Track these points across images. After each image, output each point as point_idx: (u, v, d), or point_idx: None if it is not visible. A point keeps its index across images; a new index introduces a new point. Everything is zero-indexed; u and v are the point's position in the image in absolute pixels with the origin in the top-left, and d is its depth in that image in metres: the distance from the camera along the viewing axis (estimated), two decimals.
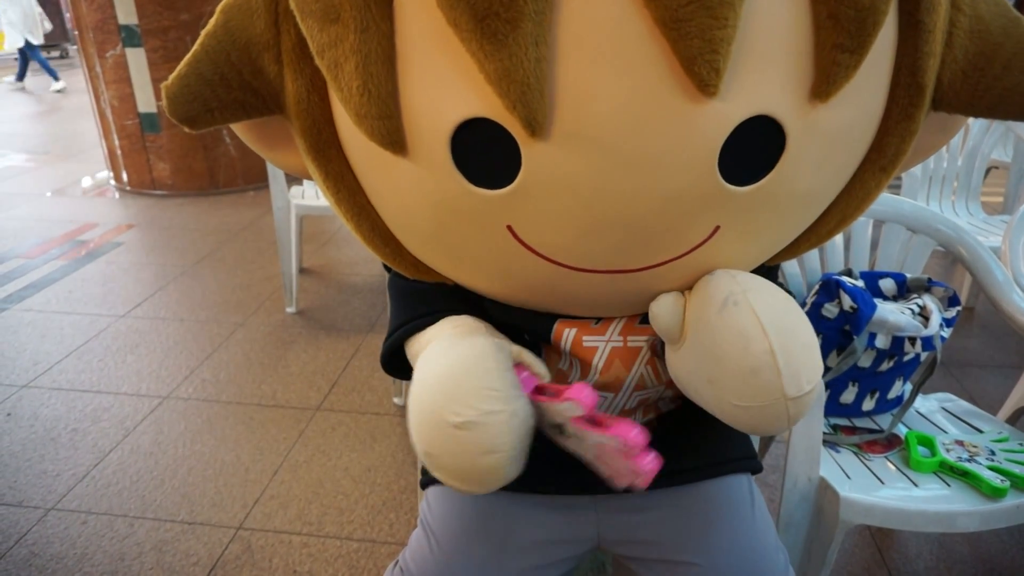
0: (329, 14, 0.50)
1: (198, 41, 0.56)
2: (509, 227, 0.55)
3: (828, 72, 0.48)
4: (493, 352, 0.59)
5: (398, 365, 0.75)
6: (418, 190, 0.56)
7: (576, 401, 0.58)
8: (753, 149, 0.51)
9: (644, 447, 0.56)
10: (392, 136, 0.52)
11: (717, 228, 0.56)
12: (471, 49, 0.45)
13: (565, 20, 0.46)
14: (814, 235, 0.65)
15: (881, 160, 0.58)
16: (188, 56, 0.56)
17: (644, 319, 0.68)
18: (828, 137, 0.53)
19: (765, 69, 0.48)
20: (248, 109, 0.58)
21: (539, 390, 0.62)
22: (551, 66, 0.46)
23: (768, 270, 0.74)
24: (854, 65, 0.48)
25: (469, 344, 0.61)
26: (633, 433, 0.56)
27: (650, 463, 0.57)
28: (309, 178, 0.65)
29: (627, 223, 0.53)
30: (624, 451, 0.57)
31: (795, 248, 0.66)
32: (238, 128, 0.64)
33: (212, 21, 0.56)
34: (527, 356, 0.64)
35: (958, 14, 0.52)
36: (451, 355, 0.59)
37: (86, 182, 4.21)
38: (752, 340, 0.54)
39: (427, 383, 0.58)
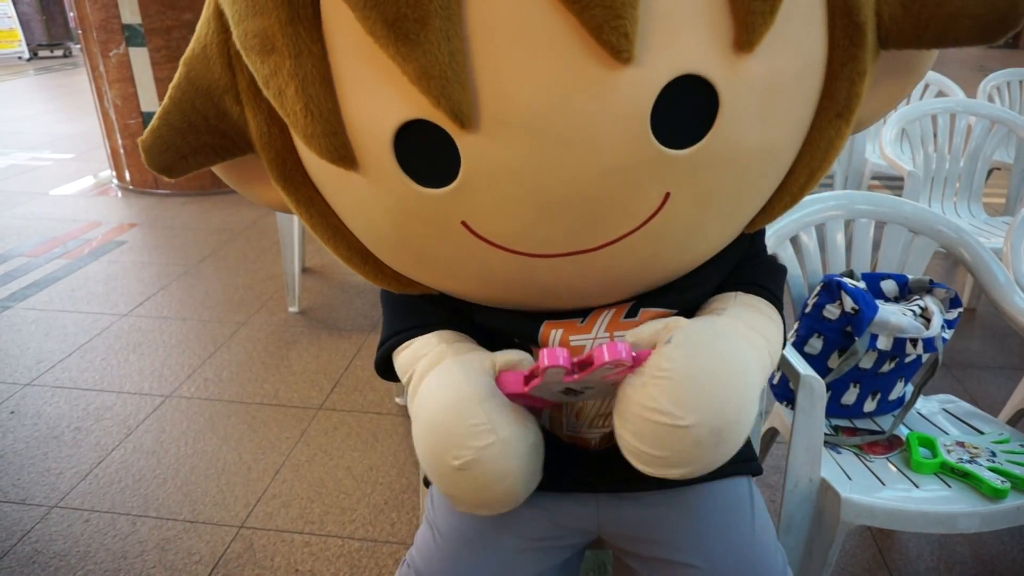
0: (266, 46, 0.53)
1: (166, 95, 0.61)
2: (464, 223, 0.57)
3: (746, 22, 0.48)
4: (471, 385, 0.62)
5: (391, 369, 0.78)
6: (374, 200, 0.58)
7: (558, 367, 0.59)
8: (686, 110, 0.51)
9: (624, 352, 0.57)
10: (340, 151, 0.55)
11: (668, 195, 0.55)
12: (389, 54, 0.47)
13: (473, 12, 0.47)
14: (786, 194, 0.64)
15: (835, 107, 0.58)
16: (159, 110, 0.61)
17: (629, 314, 0.69)
18: (764, 88, 0.53)
19: (681, 28, 0.48)
20: (219, 151, 0.63)
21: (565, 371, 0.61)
22: (468, 58, 0.48)
23: (752, 237, 0.74)
24: (770, 11, 0.48)
25: (449, 382, 0.63)
26: (619, 349, 0.57)
27: (625, 352, 0.58)
28: (290, 212, 0.68)
29: (573, 202, 0.54)
30: (624, 366, 0.59)
31: (770, 210, 0.66)
32: (217, 171, 0.69)
33: (176, 75, 0.61)
34: (502, 360, 0.66)
35: None
36: (437, 398, 0.62)
37: (89, 181, 4.22)
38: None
39: (423, 432, 0.62)
